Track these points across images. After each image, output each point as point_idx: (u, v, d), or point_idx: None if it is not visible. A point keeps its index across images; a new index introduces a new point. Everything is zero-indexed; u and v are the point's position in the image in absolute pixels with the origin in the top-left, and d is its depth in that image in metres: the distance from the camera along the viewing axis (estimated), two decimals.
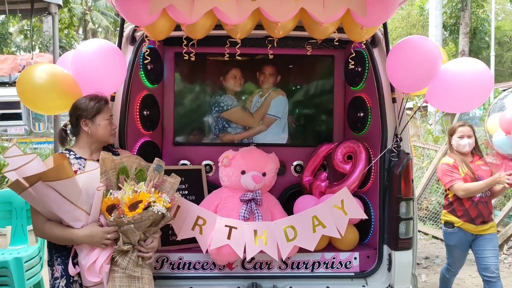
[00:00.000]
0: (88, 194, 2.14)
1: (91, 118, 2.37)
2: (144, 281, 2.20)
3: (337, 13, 2.12)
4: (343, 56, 3.35)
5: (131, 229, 2.13)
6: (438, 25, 10.20)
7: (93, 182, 2.14)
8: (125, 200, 2.15)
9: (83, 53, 2.48)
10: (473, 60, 2.61)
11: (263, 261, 2.80)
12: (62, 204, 2.12)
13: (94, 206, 2.18)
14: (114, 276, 2.17)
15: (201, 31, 2.39)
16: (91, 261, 2.17)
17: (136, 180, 2.28)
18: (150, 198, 2.15)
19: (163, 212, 2.17)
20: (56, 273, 2.29)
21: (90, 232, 2.16)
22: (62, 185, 2.06)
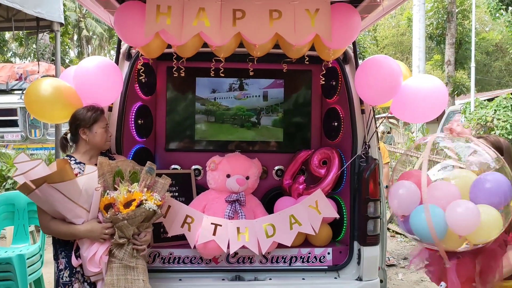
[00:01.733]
0: (88, 194, 2.39)
1: (89, 127, 2.63)
2: (139, 270, 2.46)
3: (306, 38, 2.45)
4: (320, 71, 3.66)
5: (125, 224, 2.39)
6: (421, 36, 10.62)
7: (91, 183, 2.40)
8: (120, 199, 2.42)
9: (84, 69, 2.76)
10: (430, 76, 2.94)
11: (245, 256, 3.05)
12: (65, 203, 2.36)
13: (93, 204, 2.43)
14: (112, 267, 2.42)
15: (189, 51, 2.70)
16: (92, 254, 2.42)
17: (130, 182, 2.53)
18: (142, 196, 2.42)
19: (154, 209, 2.43)
20: (61, 265, 2.53)
21: (90, 228, 2.41)
22: (65, 186, 2.30)
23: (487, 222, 2.13)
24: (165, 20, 2.38)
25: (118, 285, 2.39)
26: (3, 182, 6.90)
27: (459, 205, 2.19)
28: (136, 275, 2.45)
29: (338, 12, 2.50)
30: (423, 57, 10.55)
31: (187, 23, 2.39)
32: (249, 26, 2.42)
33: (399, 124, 10.13)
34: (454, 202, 2.21)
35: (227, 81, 3.75)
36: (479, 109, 9.12)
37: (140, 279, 2.45)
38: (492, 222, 2.15)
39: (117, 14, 2.53)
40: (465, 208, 2.17)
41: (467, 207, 2.16)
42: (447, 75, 16.65)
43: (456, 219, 2.17)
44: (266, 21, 2.41)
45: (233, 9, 2.41)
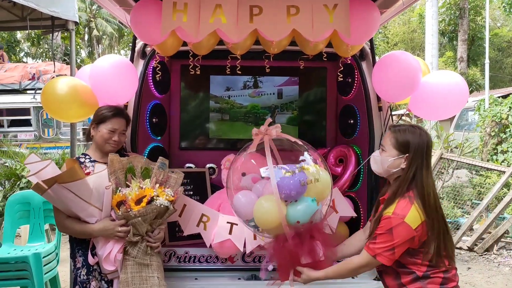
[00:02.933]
0: (99, 193, 2.37)
1: (97, 124, 2.61)
2: (153, 267, 2.44)
3: (324, 33, 2.41)
4: (335, 68, 3.63)
5: (139, 221, 2.36)
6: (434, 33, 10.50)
7: (102, 182, 2.37)
8: (131, 196, 2.37)
9: (100, 67, 2.76)
10: (450, 72, 2.88)
11: (261, 255, 3.01)
12: (78, 203, 2.36)
13: (105, 203, 2.41)
14: (126, 264, 2.41)
15: (205, 48, 2.68)
16: (107, 252, 2.41)
17: (142, 178, 2.49)
18: (153, 192, 2.38)
19: (166, 205, 2.39)
20: (78, 263, 2.54)
21: (103, 226, 2.40)
22: (75, 186, 2.29)
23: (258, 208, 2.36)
24: (181, 17, 2.36)
25: (132, 283, 2.37)
26: (17, 181, 6.94)
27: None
28: (151, 273, 2.43)
29: (357, 7, 2.46)
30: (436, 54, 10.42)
31: (204, 20, 2.37)
32: (266, 23, 2.39)
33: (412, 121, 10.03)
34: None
35: (241, 79, 3.73)
36: (494, 106, 8.99)
37: (154, 276, 2.43)
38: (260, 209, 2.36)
39: (133, 12, 2.51)
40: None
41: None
42: (460, 71, 16.48)
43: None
44: (284, 17, 2.38)
45: (250, 5, 2.38)
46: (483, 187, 7.03)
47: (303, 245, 2.33)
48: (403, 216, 2.03)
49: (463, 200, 7.16)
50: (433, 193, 2.10)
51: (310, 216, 2.34)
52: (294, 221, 2.32)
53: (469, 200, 7.19)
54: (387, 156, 2.19)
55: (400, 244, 2.04)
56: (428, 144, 2.15)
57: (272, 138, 2.49)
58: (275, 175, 2.29)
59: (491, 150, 8.76)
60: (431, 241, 2.05)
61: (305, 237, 2.34)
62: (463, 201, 7.16)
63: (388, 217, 2.06)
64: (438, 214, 2.09)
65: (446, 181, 7.31)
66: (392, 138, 2.18)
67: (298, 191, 2.28)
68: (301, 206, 2.32)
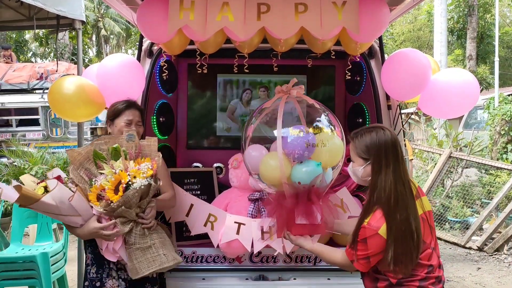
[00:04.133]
0: (66, 204, 2.21)
1: (112, 120, 2.56)
2: (156, 246, 2.29)
3: (333, 31, 2.38)
4: (343, 66, 3.60)
5: (123, 210, 2.21)
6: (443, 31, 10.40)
7: (62, 196, 2.20)
8: (108, 185, 2.20)
9: (107, 66, 2.75)
10: (461, 70, 2.84)
11: (269, 255, 3.00)
12: (54, 216, 2.27)
13: (79, 209, 2.26)
14: (129, 253, 2.28)
15: (212, 47, 2.65)
16: (105, 246, 2.32)
17: (114, 159, 2.28)
18: (127, 178, 2.18)
19: (144, 184, 2.20)
20: (88, 260, 2.49)
21: (88, 231, 2.28)
22: (38, 206, 2.17)
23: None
24: (188, 15, 2.34)
25: (140, 268, 2.25)
26: None
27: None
28: (155, 252, 2.29)
29: (366, 4, 2.42)
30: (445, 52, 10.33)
31: (211, 18, 2.34)
32: (274, 20, 2.37)
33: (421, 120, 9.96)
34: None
35: (248, 78, 3.70)
36: (503, 105, 8.89)
37: (160, 254, 2.29)
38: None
39: (139, 11, 2.50)
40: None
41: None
42: (469, 70, 16.32)
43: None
44: (292, 15, 2.35)
45: (258, 3, 2.35)
46: (493, 186, 6.95)
47: (299, 205, 2.36)
48: (377, 228, 1.95)
49: (472, 200, 7.09)
50: (394, 193, 1.96)
51: (311, 179, 2.35)
52: (295, 181, 2.36)
53: (478, 200, 7.12)
54: (356, 166, 2.10)
55: (375, 254, 1.99)
56: (388, 142, 2.00)
57: (294, 97, 2.49)
58: (287, 135, 2.35)
59: (501, 149, 8.66)
60: (388, 247, 1.94)
61: (302, 198, 2.36)
62: (472, 200, 7.09)
63: (364, 226, 1.99)
64: (397, 218, 1.95)
65: (455, 180, 7.24)
66: (354, 147, 2.08)
67: (302, 151, 2.32)
68: (305, 168, 2.35)
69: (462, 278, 5.19)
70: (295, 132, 2.36)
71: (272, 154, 2.44)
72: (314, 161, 2.36)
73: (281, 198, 2.41)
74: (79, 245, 3.92)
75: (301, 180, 2.36)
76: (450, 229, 6.84)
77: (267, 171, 2.43)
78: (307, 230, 2.40)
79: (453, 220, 6.90)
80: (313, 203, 2.38)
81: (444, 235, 6.64)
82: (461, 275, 5.24)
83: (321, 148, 2.34)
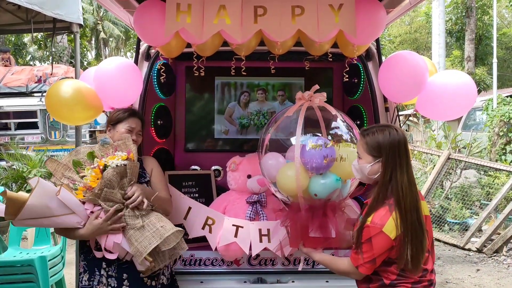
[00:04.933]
0: (57, 203, 2.19)
1: (114, 125, 2.55)
2: (152, 221, 2.27)
3: (330, 34, 2.38)
4: (341, 69, 3.59)
5: (107, 192, 2.22)
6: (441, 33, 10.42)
7: (48, 193, 2.17)
8: (91, 179, 2.25)
9: (104, 70, 2.75)
10: (458, 72, 2.84)
11: (267, 258, 2.99)
12: (49, 221, 2.22)
13: (72, 206, 2.24)
14: (128, 239, 2.25)
15: (209, 50, 2.66)
16: (104, 243, 2.28)
17: (90, 163, 2.34)
18: (102, 162, 2.26)
19: (120, 164, 2.25)
20: (81, 268, 2.46)
21: (92, 228, 2.26)
22: (28, 212, 2.13)
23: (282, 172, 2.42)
24: (185, 18, 2.34)
25: (142, 247, 2.20)
26: (24, 183, 6.97)
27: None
28: (153, 227, 2.25)
29: (363, 7, 2.43)
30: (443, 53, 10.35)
31: (208, 21, 2.34)
32: (270, 23, 2.37)
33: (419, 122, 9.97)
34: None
35: (246, 80, 3.70)
36: (502, 106, 8.89)
37: (158, 228, 2.25)
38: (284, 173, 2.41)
39: (136, 14, 2.50)
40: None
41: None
42: (467, 71, 16.35)
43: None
44: (288, 17, 2.35)
45: (254, 6, 2.35)
46: (491, 187, 6.95)
47: (314, 219, 2.32)
48: (381, 226, 1.92)
49: (471, 201, 7.08)
50: (410, 194, 1.96)
51: (328, 193, 2.31)
52: (312, 193, 2.32)
53: (477, 201, 7.11)
54: (364, 163, 2.06)
55: (380, 254, 1.96)
56: (401, 142, 2.00)
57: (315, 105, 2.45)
58: (306, 144, 2.29)
59: (500, 150, 8.67)
60: (404, 249, 1.93)
61: (318, 212, 2.32)
62: (471, 201, 7.08)
63: (367, 226, 1.96)
64: (411, 217, 1.94)
65: (454, 182, 7.23)
66: (363, 143, 2.06)
67: (320, 165, 2.27)
68: (323, 181, 2.32)
69: (461, 279, 5.18)
70: (315, 145, 2.29)
71: (290, 164, 2.37)
72: (334, 175, 2.31)
73: (296, 210, 2.37)
74: (77, 249, 3.91)
75: (318, 193, 2.32)
76: (449, 230, 6.83)
77: (284, 181, 2.39)
78: (321, 244, 2.34)
79: (452, 222, 6.89)
80: (328, 218, 2.32)
81: (443, 237, 6.63)
82: (460, 277, 5.23)
83: (340, 162, 2.29)
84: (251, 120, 3.78)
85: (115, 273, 2.37)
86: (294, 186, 2.31)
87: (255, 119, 3.77)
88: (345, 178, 2.35)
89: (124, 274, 2.38)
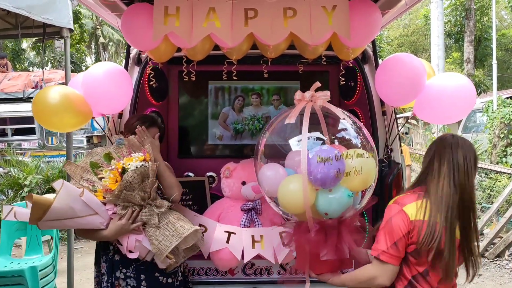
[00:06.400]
0: (80, 204, 2.24)
1: (133, 133, 2.52)
2: (172, 221, 2.31)
3: (323, 36, 2.30)
4: (337, 72, 3.52)
5: (127, 194, 2.26)
6: (440, 34, 10.37)
7: (72, 195, 2.22)
8: (108, 182, 2.30)
9: (93, 75, 2.67)
10: (456, 74, 2.76)
11: (263, 267, 2.93)
12: (73, 222, 2.26)
13: (95, 207, 2.28)
14: (149, 237, 2.31)
15: (200, 53, 2.58)
16: (126, 243, 2.33)
17: (108, 163, 2.40)
18: (121, 164, 2.29)
19: (139, 166, 2.28)
20: (103, 269, 2.50)
21: (115, 228, 2.30)
22: (54, 214, 2.17)
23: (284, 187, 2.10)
24: (173, 22, 2.26)
25: (163, 247, 2.26)
26: (20, 190, 6.90)
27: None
28: (172, 227, 2.30)
29: (357, 8, 2.35)
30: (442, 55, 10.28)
31: (197, 25, 2.27)
32: (262, 26, 2.29)
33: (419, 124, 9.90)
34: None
35: (240, 85, 3.63)
36: (502, 108, 8.83)
37: (177, 227, 2.30)
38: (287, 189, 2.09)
39: (123, 18, 2.42)
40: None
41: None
42: (467, 73, 16.29)
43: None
44: (280, 20, 2.28)
45: (245, 8, 2.28)
46: (493, 190, 6.87)
47: (326, 242, 2.06)
48: (402, 204, 1.83)
49: None
50: (447, 189, 1.86)
51: (342, 211, 2.03)
52: (322, 212, 2.01)
53: (478, 204, 7.03)
54: None
55: (401, 236, 1.81)
56: (448, 141, 1.92)
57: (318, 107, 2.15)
58: (310, 154, 1.95)
59: (501, 152, 8.59)
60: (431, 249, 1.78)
61: (331, 234, 2.05)
62: None
63: (388, 206, 1.88)
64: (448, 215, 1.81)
65: None
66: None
67: (331, 180, 1.95)
68: (334, 196, 2.00)
69: (462, 285, 5.08)
70: (324, 158, 1.95)
71: (294, 178, 2.05)
72: (345, 189, 2.01)
73: (304, 231, 2.09)
74: (69, 258, 3.83)
75: (328, 212, 2.01)
76: None
77: (288, 198, 2.07)
78: (334, 267, 2.14)
79: None
80: (342, 239, 2.06)
81: None
82: (461, 282, 5.13)
83: (354, 176, 1.99)
84: (246, 125, 3.70)
85: (133, 274, 2.45)
86: (299, 204, 2.00)
87: (249, 124, 3.70)
88: (357, 190, 2.09)
89: (142, 275, 2.45)
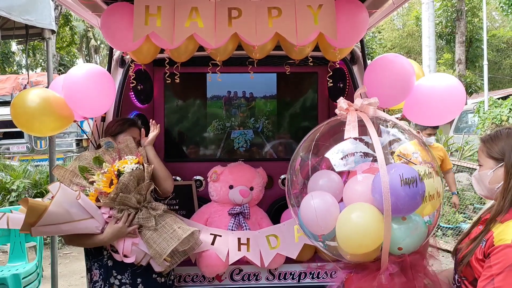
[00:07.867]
0: (77, 207, 2.20)
1: (114, 136, 2.56)
2: (168, 223, 2.33)
3: (309, 37, 2.24)
4: (326, 73, 3.46)
5: (123, 197, 2.25)
6: (431, 35, 10.37)
7: (68, 197, 2.19)
8: (101, 185, 2.28)
9: (73, 77, 2.59)
10: (445, 75, 2.72)
11: (251, 273, 2.87)
12: (69, 227, 2.20)
13: (91, 210, 2.25)
14: (145, 240, 2.30)
15: (184, 55, 2.51)
16: (121, 248, 2.30)
17: (99, 167, 2.37)
18: (116, 167, 2.28)
19: (134, 168, 2.29)
20: (95, 277, 2.44)
21: (112, 232, 2.28)
22: (49, 218, 2.11)
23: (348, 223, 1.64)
24: (155, 21, 2.19)
25: (161, 249, 2.26)
26: (7, 195, 6.77)
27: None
28: (170, 229, 2.32)
29: (343, 8, 2.29)
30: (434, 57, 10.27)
31: (179, 25, 2.19)
32: (246, 26, 2.22)
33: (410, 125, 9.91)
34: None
35: (228, 87, 3.56)
36: (493, 108, 8.85)
37: (175, 229, 2.32)
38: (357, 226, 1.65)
39: (103, 18, 2.35)
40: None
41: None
42: (458, 74, 16.34)
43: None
44: (265, 20, 2.21)
45: (228, 7, 2.21)
46: None
47: (408, 284, 1.73)
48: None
49: (464, 205, 6.97)
50: None
51: (419, 243, 1.68)
52: (394, 248, 1.63)
53: (471, 205, 7.01)
54: (485, 170, 1.74)
55: None
56: None
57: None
58: (395, 177, 1.54)
59: None
60: None
61: (406, 273, 1.73)
62: (464, 205, 6.97)
63: (507, 246, 1.51)
64: None
65: (446, 186, 7.12)
66: (484, 147, 1.77)
67: (413, 207, 1.62)
68: (409, 225, 1.64)
69: None
70: (410, 179, 1.60)
71: (362, 207, 1.64)
72: (419, 217, 1.68)
73: (370, 276, 1.74)
74: (53, 265, 3.74)
75: (403, 245, 1.62)
76: (443, 236, 6.71)
77: (355, 233, 1.64)
78: None
79: (445, 227, 6.77)
80: (416, 279, 1.73)
81: (444, 245, 6.50)
82: None
83: (436, 199, 1.69)
84: (234, 127, 3.63)
85: (129, 280, 2.42)
86: (369, 240, 1.61)
87: (237, 125, 3.63)
88: (427, 215, 1.78)
89: (138, 279, 2.43)
